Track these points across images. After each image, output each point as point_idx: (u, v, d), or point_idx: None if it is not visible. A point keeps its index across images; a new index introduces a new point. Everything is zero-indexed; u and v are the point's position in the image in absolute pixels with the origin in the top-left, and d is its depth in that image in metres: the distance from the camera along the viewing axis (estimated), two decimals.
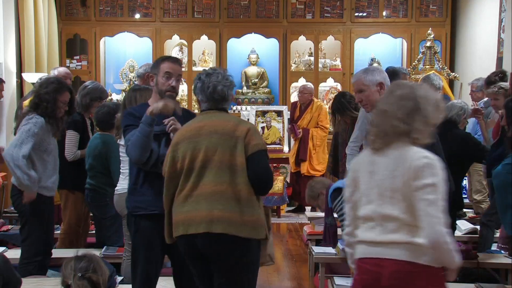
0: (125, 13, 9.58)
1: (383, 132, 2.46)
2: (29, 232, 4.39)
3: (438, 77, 5.91)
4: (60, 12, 9.36)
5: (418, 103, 2.43)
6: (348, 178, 2.66)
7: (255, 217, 2.99)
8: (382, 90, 3.50)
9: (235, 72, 9.87)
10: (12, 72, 7.95)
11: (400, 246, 2.38)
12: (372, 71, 3.57)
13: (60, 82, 4.57)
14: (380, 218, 2.44)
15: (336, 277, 4.25)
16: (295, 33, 9.62)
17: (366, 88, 3.52)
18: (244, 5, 9.63)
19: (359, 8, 9.62)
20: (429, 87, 2.64)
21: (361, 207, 2.51)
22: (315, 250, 4.99)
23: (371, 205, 2.47)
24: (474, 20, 8.71)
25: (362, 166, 2.55)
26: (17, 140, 4.31)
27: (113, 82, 9.80)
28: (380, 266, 2.41)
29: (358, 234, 2.53)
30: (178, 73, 3.46)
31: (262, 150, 3.02)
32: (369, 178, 2.49)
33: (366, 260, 2.48)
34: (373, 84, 3.51)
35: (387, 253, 2.40)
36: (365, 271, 2.48)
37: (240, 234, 2.94)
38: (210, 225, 2.94)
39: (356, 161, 2.64)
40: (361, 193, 2.52)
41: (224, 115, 3.12)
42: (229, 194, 2.96)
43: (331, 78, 9.80)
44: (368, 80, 3.52)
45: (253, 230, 2.98)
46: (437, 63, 8.12)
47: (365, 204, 2.50)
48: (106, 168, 5.01)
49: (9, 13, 7.88)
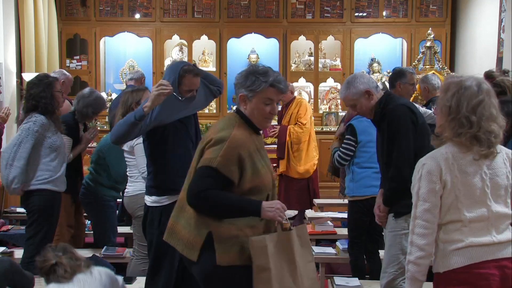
0: (125, 13, 9.58)
1: (493, 133, 2.45)
2: (36, 230, 4.38)
3: (436, 77, 5.90)
4: (60, 12, 9.36)
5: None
6: (430, 183, 2.46)
7: (188, 235, 2.75)
8: (371, 96, 3.47)
9: (235, 72, 9.84)
10: (12, 72, 7.95)
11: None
12: (353, 82, 3.51)
13: (47, 75, 4.64)
14: (494, 218, 2.43)
15: (336, 277, 4.25)
16: (295, 33, 9.62)
17: (356, 102, 3.51)
18: (244, 5, 9.63)
19: (359, 8, 9.62)
20: None
21: (463, 209, 2.42)
22: (315, 250, 4.99)
23: (481, 206, 2.42)
24: (474, 20, 8.71)
25: (454, 167, 2.44)
26: (16, 139, 4.31)
27: (113, 82, 9.80)
28: (503, 267, 2.39)
29: (460, 238, 2.42)
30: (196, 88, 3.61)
31: (205, 167, 2.68)
32: (469, 178, 2.43)
33: (481, 265, 2.38)
34: (360, 96, 3.48)
35: (506, 253, 2.40)
36: (481, 277, 2.38)
37: (177, 248, 2.83)
38: (168, 234, 2.89)
39: (443, 165, 2.45)
40: (456, 195, 2.43)
41: (224, 118, 2.99)
42: (182, 203, 2.83)
43: (331, 78, 9.80)
44: (353, 94, 3.50)
45: (186, 248, 2.77)
46: (437, 63, 8.12)
47: (469, 206, 2.42)
48: (105, 169, 5.03)
49: (9, 13, 7.88)
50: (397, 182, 3.35)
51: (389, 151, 3.39)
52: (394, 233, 3.43)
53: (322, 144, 9.34)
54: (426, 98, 5.74)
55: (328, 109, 9.90)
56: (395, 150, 3.35)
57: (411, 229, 2.48)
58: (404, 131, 3.34)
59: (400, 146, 3.34)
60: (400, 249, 3.39)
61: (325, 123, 9.64)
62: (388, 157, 3.39)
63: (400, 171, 3.32)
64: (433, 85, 5.64)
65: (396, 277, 3.42)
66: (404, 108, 3.39)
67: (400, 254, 3.38)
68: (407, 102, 3.59)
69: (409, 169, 3.29)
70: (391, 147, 3.37)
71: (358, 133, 4.44)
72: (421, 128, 3.40)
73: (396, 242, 3.42)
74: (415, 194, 2.47)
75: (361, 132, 4.45)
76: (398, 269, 3.40)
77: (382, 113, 3.43)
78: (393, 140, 3.36)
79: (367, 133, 4.41)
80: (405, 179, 3.30)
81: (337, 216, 6.00)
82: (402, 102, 3.47)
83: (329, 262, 4.96)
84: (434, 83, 5.66)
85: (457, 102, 2.42)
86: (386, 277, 3.45)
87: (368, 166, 4.44)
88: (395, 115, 3.38)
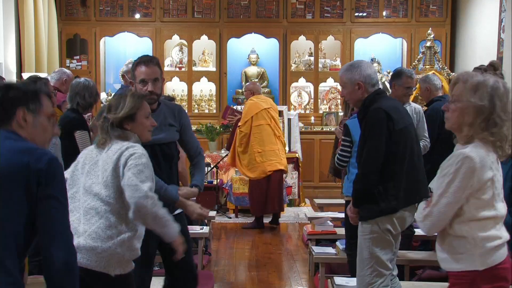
0: (125, 13, 9.59)
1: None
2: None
3: (437, 77, 5.89)
4: (60, 12, 9.37)
5: None
6: (465, 180, 2.42)
7: None
8: (360, 89, 3.43)
9: (235, 72, 9.90)
10: (12, 72, 7.95)
11: None
12: (354, 68, 3.47)
13: (38, 77, 4.60)
14: (501, 215, 2.48)
15: (336, 277, 4.25)
16: (295, 33, 9.63)
17: (346, 86, 3.49)
18: (244, 5, 9.64)
19: (359, 8, 9.63)
20: None
21: (497, 206, 2.46)
22: (315, 250, 4.99)
23: (502, 203, 2.48)
24: (474, 20, 8.72)
25: (493, 164, 2.45)
26: None
27: (113, 82, 9.82)
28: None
29: (497, 235, 2.45)
30: (154, 77, 3.34)
31: None
32: (498, 176, 2.48)
33: (506, 260, 2.44)
34: (351, 83, 3.45)
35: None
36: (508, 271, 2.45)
37: None
38: None
39: (486, 161, 2.44)
40: (493, 191, 2.45)
41: None
42: None
43: (331, 78, 9.81)
44: (347, 78, 3.47)
45: None
46: (437, 63, 8.12)
47: (498, 202, 2.47)
48: None
49: (9, 13, 7.88)
50: (361, 184, 3.35)
51: (361, 152, 3.38)
52: (363, 237, 3.41)
53: (322, 144, 9.36)
54: (427, 99, 5.72)
55: (328, 109, 9.91)
56: (364, 152, 3.34)
57: (426, 213, 2.47)
58: (376, 135, 3.30)
59: (369, 150, 3.32)
60: (370, 253, 3.36)
61: (325, 123, 9.65)
62: (360, 157, 3.39)
63: (366, 174, 3.31)
64: (435, 85, 5.63)
65: (372, 281, 3.39)
66: (382, 113, 3.32)
67: (371, 258, 3.36)
68: (390, 105, 3.44)
69: (374, 174, 3.28)
70: (363, 149, 3.37)
71: (353, 132, 4.44)
72: (399, 134, 3.33)
73: (365, 245, 3.39)
74: (445, 184, 2.44)
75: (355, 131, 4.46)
76: (371, 272, 3.37)
77: (364, 112, 3.42)
78: (365, 142, 3.36)
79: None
80: (370, 183, 3.30)
81: (337, 216, 6.00)
82: (383, 105, 3.37)
83: (329, 262, 4.96)
84: (436, 83, 5.65)
85: (490, 101, 2.42)
86: (361, 281, 3.45)
87: None
88: (371, 118, 3.35)
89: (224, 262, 5.79)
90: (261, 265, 5.71)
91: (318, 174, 9.45)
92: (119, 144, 2.76)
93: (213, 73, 9.78)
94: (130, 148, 2.72)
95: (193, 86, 9.82)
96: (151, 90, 3.30)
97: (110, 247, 2.63)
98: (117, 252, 2.65)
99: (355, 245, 4.58)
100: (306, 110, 9.93)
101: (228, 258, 5.96)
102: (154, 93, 3.32)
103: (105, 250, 2.62)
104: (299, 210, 8.14)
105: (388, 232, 3.34)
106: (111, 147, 2.76)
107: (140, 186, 2.62)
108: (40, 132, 2.14)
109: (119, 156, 2.69)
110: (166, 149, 3.41)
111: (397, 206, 3.31)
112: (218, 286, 5.13)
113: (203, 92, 10.03)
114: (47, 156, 2.03)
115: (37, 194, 1.99)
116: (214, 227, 7.02)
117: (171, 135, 3.44)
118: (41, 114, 2.13)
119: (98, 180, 2.70)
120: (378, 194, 3.29)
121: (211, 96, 9.99)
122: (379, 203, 3.29)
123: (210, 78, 9.79)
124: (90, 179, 2.73)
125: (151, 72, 3.33)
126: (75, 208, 2.69)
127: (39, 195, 1.99)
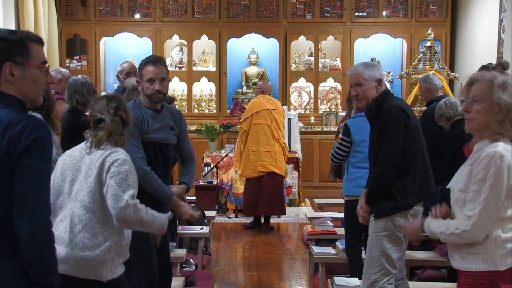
0: (125, 13, 9.59)
1: None
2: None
3: (437, 77, 5.90)
4: (60, 12, 9.37)
5: None
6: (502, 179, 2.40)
7: None
8: (379, 87, 3.47)
9: (235, 72, 9.90)
10: None
11: None
12: (372, 66, 3.52)
13: None
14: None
15: (336, 277, 4.25)
16: (295, 33, 9.63)
17: (365, 83, 3.47)
18: (244, 5, 9.64)
19: (359, 8, 9.62)
20: None
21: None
22: (315, 250, 4.99)
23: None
24: (474, 20, 8.72)
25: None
26: None
27: (113, 82, 9.80)
28: None
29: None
30: (161, 76, 3.45)
31: None
32: None
33: None
34: (372, 80, 3.46)
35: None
36: None
37: None
38: None
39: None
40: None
41: None
42: None
43: (331, 78, 9.81)
44: (367, 75, 3.47)
45: None
46: (437, 63, 8.13)
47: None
48: None
49: (9, 13, 7.88)
50: (379, 182, 3.35)
51: (377, 150, 3.39)
52: (375, 234, 3.41)
53: (322, 144, 9.37)
54: (427, 99, 5.73)
55: (328, 109, 9.90)
56: (382, 149, 3.35)
57: (474, 220, 2.39)
58: (394, 132, 3.33)
59: (388, 147, 3.33)
60: (381, 250, 3.37)
61: (325, 123, 9.65)
62: (376, 155, 3.39)
63: (384, 171, 3.32)
64: (435, 86, 5.63)
65: (378, 279, 3.39)
66: (398, 110, 3.38)
67: (381, 255, 3.37)
68: (403, 103, 3.55)
69: (393, 171, 3.29)
70: (380, 146, 3.37)
71: (353, 133, 4.44)
72: (413, 133, 3.37)
73: (377, 243, 3.40)
74: (488, 187, 2.38)
75: (355, 132, 4.45)
76: (379, 270, 3.38)
77: (377, 110, 3.42)
78: (382, 140, 3.36)
79: (362, 133, 4.39)
80: (388, 180, 3.30)
81: (337, 216, 6.00)
82: (397, 103, 3.44)
83: (329, 262, 4.96)
84: (436, 84, 5.66)
85: None
86: (367, 279, 3.44)
87: (362, 166, 4.42)
88: (389, 115, 3.36)
89: (224, 262, 5.80)
90: (261, 265, 5.71)
91: (318, 174, 9.45)
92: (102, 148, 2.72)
93: (213, 73, 9.78)
94: (114, 153, 2.68)
95: (193, 86, 9.83)
96: (158, 89, 3.43)
97: (99, 255, 2.61)
98: (106, 259, 2.64)
99: (355, 246, 4.59)
100: (306, 110, 9.93)
101: (228, 258, 5.96)
102: (161, 92, 3.46)
103: (94, 258, 2.60)
104: (299, 210, 8.14)
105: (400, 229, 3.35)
106: (94, 151, 2.71)
107: (121, 196, 2.60)
108: (30, 85, 2.01)
109: (103, 162, 2.66)
110: (165, 150, 3.55)
111: (413, 202, 3.34)
112: (218, 286, 5.13)
113: (203, 92, 10.03)
114: (28, 127, 1.89)
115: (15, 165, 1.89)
116: (214, 227, 7.02)
117: (171, 138, 3.58)
118: (30, 65, 1.98)
119: (82, 186, 2.67)
120: (397, 190, 3.31)
121: (211, 96, 9.99)
122: (397, 199, 3.31)
123: (210, 78, 9.79)
124: (75, 186, 2.69)
125: (159, 72, 3.45)
126: (64, 217, 2.66)
127: (16, 165, 1.88)
